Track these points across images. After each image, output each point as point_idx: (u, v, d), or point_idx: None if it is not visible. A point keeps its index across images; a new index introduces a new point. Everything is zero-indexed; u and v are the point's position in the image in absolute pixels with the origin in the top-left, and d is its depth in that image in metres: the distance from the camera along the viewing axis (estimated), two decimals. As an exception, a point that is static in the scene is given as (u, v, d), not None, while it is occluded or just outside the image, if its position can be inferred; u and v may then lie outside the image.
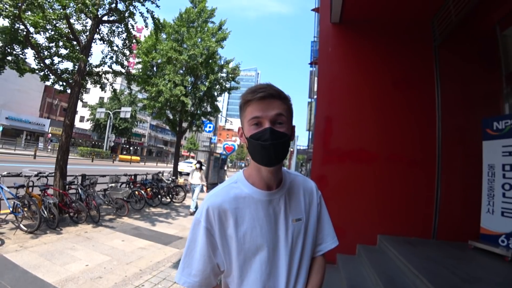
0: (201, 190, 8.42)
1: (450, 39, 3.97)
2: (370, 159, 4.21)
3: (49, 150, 30.97)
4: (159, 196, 9.04)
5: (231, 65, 14.09)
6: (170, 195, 9.75)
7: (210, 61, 13.05)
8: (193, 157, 63.20)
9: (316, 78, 14.34)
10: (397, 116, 4.23)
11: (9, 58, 6.12)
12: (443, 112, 4.04)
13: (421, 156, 4.11)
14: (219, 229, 0.89)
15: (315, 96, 13.29)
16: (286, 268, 0.91)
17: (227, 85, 14.40)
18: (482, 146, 3.55)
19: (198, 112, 14.29)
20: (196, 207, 7.98)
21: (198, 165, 8.45)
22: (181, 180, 11.40)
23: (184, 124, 14.42)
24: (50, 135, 35.72)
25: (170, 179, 10.39)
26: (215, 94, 14.35)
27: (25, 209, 5.01)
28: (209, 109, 14.91)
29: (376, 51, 4.44)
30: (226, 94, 15.50)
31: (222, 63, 13.90)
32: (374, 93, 4.35)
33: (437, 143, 4.02)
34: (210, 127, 16.28)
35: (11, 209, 5.07)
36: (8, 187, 5.11)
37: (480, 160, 3.55)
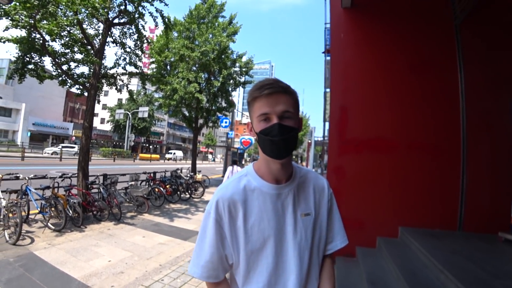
0: None
1: (473, 16, 3.68)
2: (389, 148, 4.03)
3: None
4: (178, 193, 9.22)
5: (244, 59, 14.01)
6: (189, 191, 9.89)
7: (223, 56, 13.05)
8: (211, 153, 64.07)
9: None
10: (417, 101, 4.00)
11: (29, 66, 6.38)
12: (467, 96, 3.78)
13: (444, 142, 3.88)
14: (228, 221, 0.90)
15: (330, 86, 12.94)
16: (296, 262, 0.91)
17: (241, 80, 14.36)
18: (512, 130, 3.31)
19: (213, 108, 14.37)
20: None
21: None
22: (199, 176, 11.52)
23: (200, 121, 14.55)
24: (74, 137, 37.36)
25: (189, 175, 10.53)
26: (229, 89, 14.37)
27: (52, 209, 5.26)
28: (224, 104, 14.95)
29: (390, 34, 4.21)
30: (241, 88, 15.48)
31: (235, 57, 13.84)
32: (391, 78, 4.13)
33: (462, 129, 3.78)
34: (226, 122, 16.29)
35: (39, 209, 5.36)
36: (35, 189, 5.37)
37: (509, 145, 3.31)
